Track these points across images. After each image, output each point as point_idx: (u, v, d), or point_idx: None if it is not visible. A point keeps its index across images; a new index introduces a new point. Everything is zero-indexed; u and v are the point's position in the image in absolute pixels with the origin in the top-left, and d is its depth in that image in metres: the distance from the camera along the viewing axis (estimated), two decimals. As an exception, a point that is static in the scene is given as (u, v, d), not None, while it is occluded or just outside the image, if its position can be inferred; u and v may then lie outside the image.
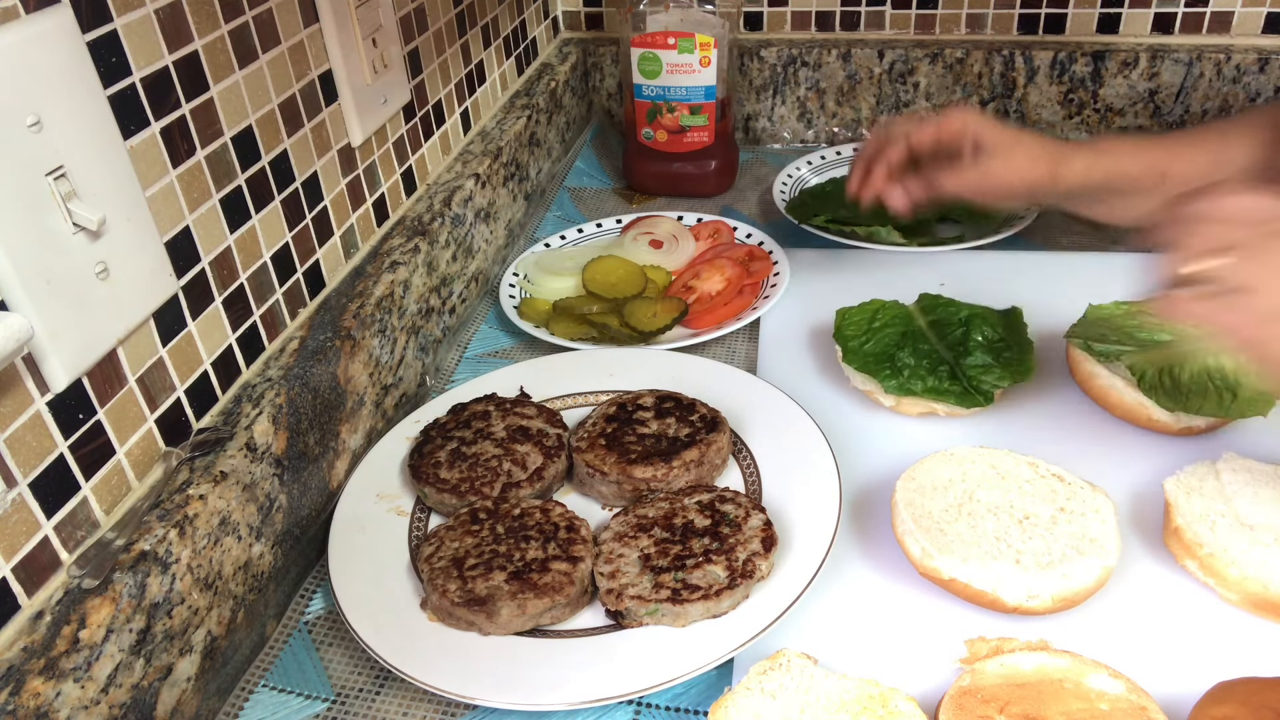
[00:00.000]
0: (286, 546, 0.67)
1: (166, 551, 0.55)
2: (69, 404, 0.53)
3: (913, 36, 1.25)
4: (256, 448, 0.63)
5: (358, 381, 0.75)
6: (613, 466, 0.70)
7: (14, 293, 0.49)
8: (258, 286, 0.69)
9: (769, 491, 0.70)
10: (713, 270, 0.95)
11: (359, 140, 0.81)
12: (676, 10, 1.09)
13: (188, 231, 0.62)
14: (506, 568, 0.62)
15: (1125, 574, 0.63)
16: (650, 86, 1.11)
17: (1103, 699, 0.52)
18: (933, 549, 0.61)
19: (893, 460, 0.73)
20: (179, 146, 0.60)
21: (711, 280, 0.95)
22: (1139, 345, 0.75)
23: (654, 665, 0.57)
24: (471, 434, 0.74)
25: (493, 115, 1.11)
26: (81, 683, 0.49)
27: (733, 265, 0.95)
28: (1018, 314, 0.81)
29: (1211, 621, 0.60)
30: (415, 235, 0.86)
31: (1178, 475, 0.65)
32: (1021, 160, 0.84)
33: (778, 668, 0.56)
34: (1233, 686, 0.51)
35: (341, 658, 0.63)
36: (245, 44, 0.66)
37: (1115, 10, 1.20)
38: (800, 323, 0.90)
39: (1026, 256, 0.98)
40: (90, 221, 0.52)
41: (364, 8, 0.79)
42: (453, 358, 0.92)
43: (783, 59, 1.27)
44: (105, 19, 0.54)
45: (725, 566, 0.61)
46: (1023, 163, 0.84)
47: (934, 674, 0.58)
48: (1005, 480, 0.65)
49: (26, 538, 0.50)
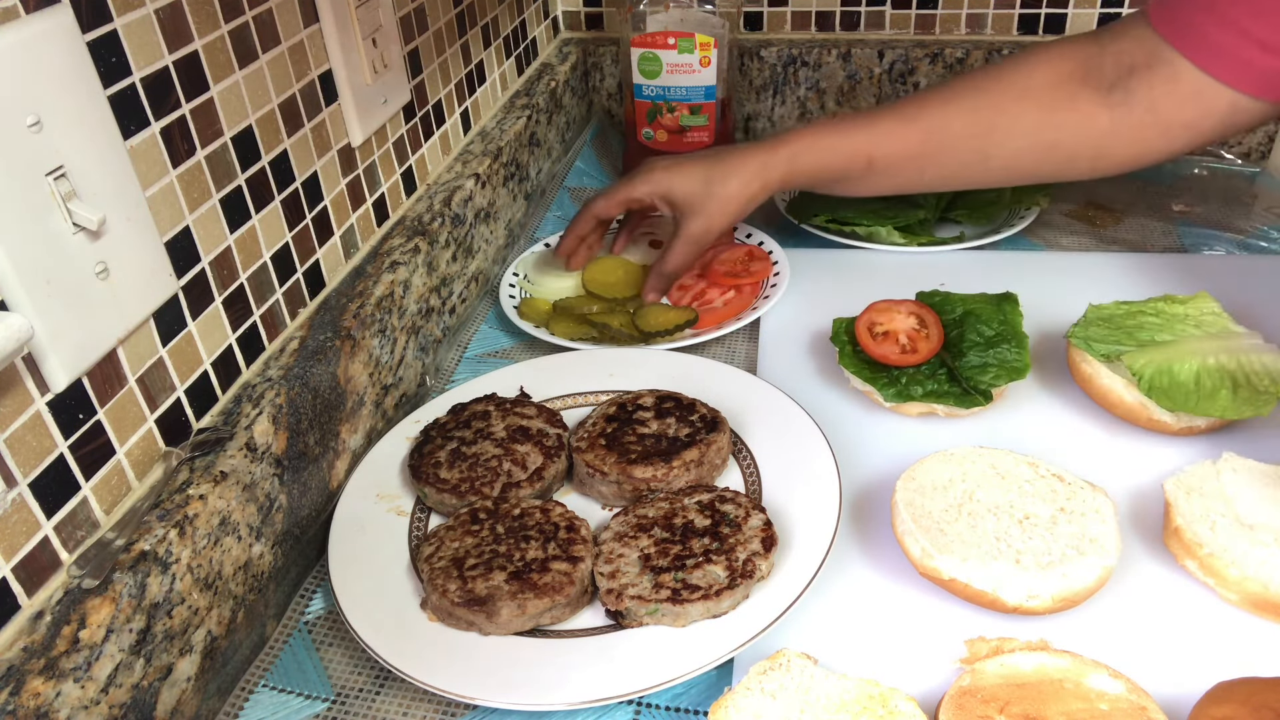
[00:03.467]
0: (286, 546, 0.67)
1: (166, 551, 0.55)
2: (69, 404, 0.53)
3: (913, 36, 1.25)
4: (256, 448, 0.63)
5: (358, 381, 0.75)
6: (613, 466, 0.70)
7: (14, 293, 0.49)
8: (258, 286, 0.69)
9: (769, 491, 0.70)
10: (714, 291, 0.96)
11: (359, 140, 0.81)
12: (676, 10, 1.09)
13: (188, 231, 0.62)
14: (506, 568, 0.62)
15: (1125, 574, 0.63)
16: (650, 86, 1.11)
17: (1103, 699, 0.52)
18: (933, 549, 0.61)
19: (893, 460, 0.73)
20: (179, 146, 0.60)
21: (714, 297, 0.95)
22: (1139, 345, 0.75)
23: (654, 665, 0.57)
24: (471, 434, 0.74)
25: (493, 115, 1.11)
26: (81, 683, 0.49)
27: (730, 285, 0.95)
28: (1013, 302, 0.81)
29: (1211, 621, 0.60)
30: (415, 235, 0.86)
31: (1178, 475, 0.65)
32: (717, 206, 0.87)
33: (778, 668, 0.56)
34: (1233, 686, 0.51)
35: (341, 658, 0.63)
36: (245, 44, 0.66)
37: (1115, 10, 1.20)
38: (800, 323, 0.90)
39: (1026, 256, 0.98)
40: (90, 221, 0.52)
41: (364, 8, 0.79)
42: (453, 358, 0.92)
43: (783, 59, 1.27)
44: (105, 19, 0.54)
45: (725, 566, 0.61)
46: (721, 205, 0.87)
47: (934, 674, 0.58)
48: (1005, 480, 0.65)
49: (26, 538, 0.50)
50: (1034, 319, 0.84)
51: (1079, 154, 0.83)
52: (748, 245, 1.00)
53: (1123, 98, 0.79)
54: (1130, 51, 0.79)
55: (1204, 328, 0.75)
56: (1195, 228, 1.02)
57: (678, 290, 0.96)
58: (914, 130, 0.85)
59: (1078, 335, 0.77)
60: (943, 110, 0.85)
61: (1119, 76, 0.79)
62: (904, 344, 0.79)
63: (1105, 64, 0.80)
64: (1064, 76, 0.82)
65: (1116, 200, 1.09)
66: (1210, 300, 0.78)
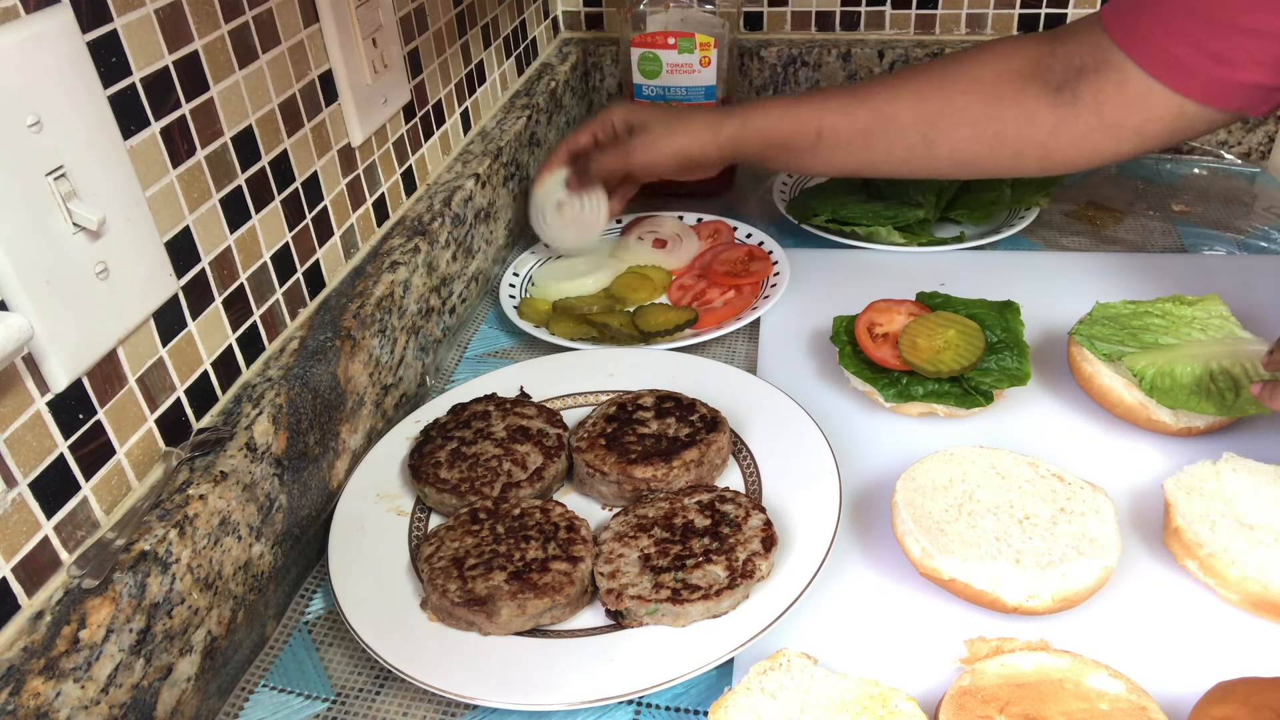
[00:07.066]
0: (286, 546, 0.67)
1: (166, 551, 0.55)
2: (69, 404, 0.53)
3: (913, 36, 1.25)
4: (256, 448, 0.63)
5: (358, 381, 0.75)
6: (613, 466, 0.70)
7: (14, 293, 0.49)
8: (258, 286, 0.69)
9: (769, 491, 0.70)
10: (714, 291, 0.96)
11: (359, 140, 0.81)
12: (676, 10, 1.09)
13: (188, 231, 0.62)
14: (506, 568, 0.62)
15: (1125, 574, 0.63)
16: (650, 86, 1.11)
17: (1103, 699, 0.52)
18: (933, 549, 0.61)
19: (893, 460, 0.73)
20: (179, 146, 0.60)
21: (714, 297, 0.95)
22: (1142, 346, 0.75)
23: (654, 665, 0.57)
24: (471, 434, 0.74)
25: (493, 115, 1.11)
26: (81, 683, 0.49)
27: (730, 285, 0.96)
28: (1014, 310, 0.81)
29: (1211, 621, 0.60)
30: (415, 235, 0.86)
31: (1178, 475, 0.65)
32: (675, 134, 0.90)
33: (778, 668, 0.56)
34: (1233, 686, 0.51)
35: (341, 658, 0.63)
36: (245, 44, 0.66)
37: (1115, 10, 1.20)
38: (800, 323, 0.90)
39: (1026, 256, 0.98)
40: (90, 221, 0.52)
41: (364, 8, 0.79)
42: (453, 358, 0.92)
43: (783, 59, 1.27)
44: (105, 19, 0.54)
45: (725, 566, 0.61)
46: (676, 136, 0.90)
47: (934, 674, 0.58)
48: (1005, 480, 0.65)
49: (26, 538, 0.50)
50: (1034, 319, 0.84)
51: (1025, 151, 0.84)
52: (748, 245, 1.00)
53: (1070, 98, 0.80)
54: (1080, 53, 0.80)
55: (1209, 331, 0.75)
56: (1195, 228, 1.02)
57: (677, 290, 0.96)
58: (862, 108, 0.87)
59: (1081, 333, 0.77)
60: (893, 92, 0.87)
61: (1067, 77, 0.80)
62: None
63: (1055, 64, 0.81)
64: (1013, 72, 0.82)
65: (1116, 200, 1.09)
66: (1219, 303, 0.78)
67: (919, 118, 0.85)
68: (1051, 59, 0.81)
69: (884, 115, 0.86)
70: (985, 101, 0.83)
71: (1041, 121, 0.81)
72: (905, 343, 0.77)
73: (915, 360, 0.76)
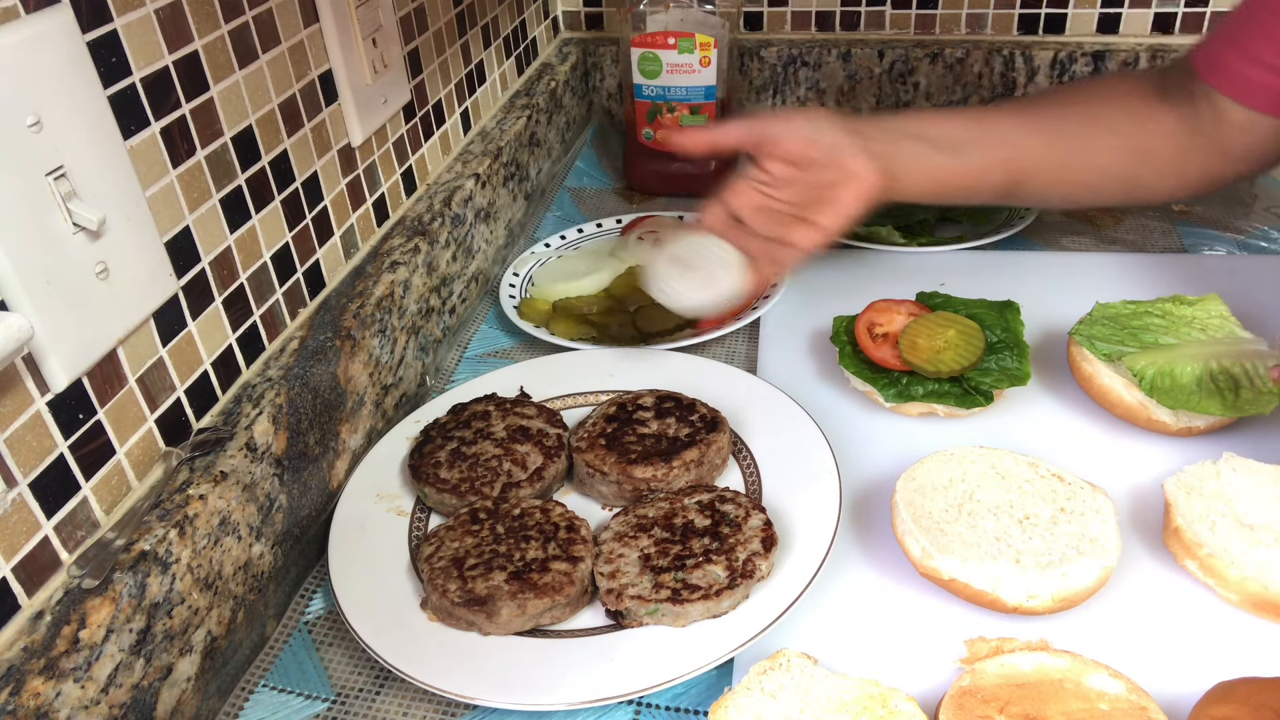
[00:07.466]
0: (286, 546, 0.67)
1: (166, 551, 0.55)
2: (69, 404, 0.53)
3: (913, 36, 1.25)
4: (256, 448, 0.63)
5: (358, 381, 0.75)
6: (613, 466, 0.70)
7: (14, 293, 0.49)
8: (258, 286, 0.69)
9: (769, 491, 0.70)
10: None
11: (359, 140, 0.81)
12: (676, 10, 1.09)
13: (188, 231, 0.62)
14: (506, 568, 0.62)
15: (1125, 574, 0.63)
16: (650, 86, 1.11)
17: (1103, 699, 0.52)
18: (933, 549, 0.61)
19: (893, 460, 0.73)
20: (179, 146, 0.60)
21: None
22: (1142, 346, 0.75)
23: (654, 665, 0.57)
24: (471, 434, 0.74)
25: (493, 115, 1.11)
26: (81, 683, 0.49)
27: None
28: (1014, 310, 0.81)
29: (1211, 621, 0.60)
30: (415, 235, 0.86)
31: (1178, 475, 0.65)
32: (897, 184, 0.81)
33: (778, 668, 0.56)
34: (1233, 686, 0.51)
35: (341, 658, 0.63)
36: (245, 44, 0.66)
37: (1115, 10, 1.20)
38: (800, 323, 0.90)
39: (1026, 256, 0.98)
40: (90, 221, 0.52)
41: (364, 8, 0.79)
42: (453, 358, 0.92)
43: (783, 59, 1.27)
44: (105, 19, 0.54)
45: (725, 566, 0.61)
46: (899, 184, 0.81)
47: (934, 674, 0.58)
48: (1005, 480, 0.65)
49: (26, 538, 0.50)
50: (1034, 319, 0.84)
51: (1167, 168, 0.84)
52: (748, 245, 1.00)
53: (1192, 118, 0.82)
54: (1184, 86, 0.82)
55: (1209, 331, 0.75)
56: (1195, 228, 1.02)
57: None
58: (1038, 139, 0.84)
59: (1081, 333, 0.77)
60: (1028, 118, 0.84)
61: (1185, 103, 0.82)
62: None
63: (1171, 90, 0.83)
64: (1147, 92, 0.84)
65: (1116, 200, 1.09)
66: (1219, 303, 0.78)
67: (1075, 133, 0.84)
68: (1166, 84, 0.83)
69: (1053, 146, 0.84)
70: (1131, 116, 0.84)
71: (1179, 137, 0.82)
72: (905, 343, 0.77)
73: (915, 360, 0.76)
